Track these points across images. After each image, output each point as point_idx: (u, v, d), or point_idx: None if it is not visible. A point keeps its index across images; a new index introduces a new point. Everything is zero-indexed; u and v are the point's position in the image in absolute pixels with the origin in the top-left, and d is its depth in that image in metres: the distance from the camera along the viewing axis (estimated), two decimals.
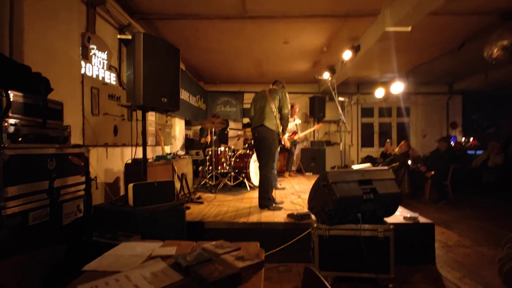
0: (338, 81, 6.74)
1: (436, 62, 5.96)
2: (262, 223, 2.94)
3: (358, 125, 8.62)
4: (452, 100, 8.44)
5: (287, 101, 3.45)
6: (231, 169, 5.14)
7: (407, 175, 5.43)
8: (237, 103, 8.56)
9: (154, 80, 2.15)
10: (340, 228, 2.33)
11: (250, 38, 4.88)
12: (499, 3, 3.55)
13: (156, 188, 2.37)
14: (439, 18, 3.89)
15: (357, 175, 2.36)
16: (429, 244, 2.83)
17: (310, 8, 3.80)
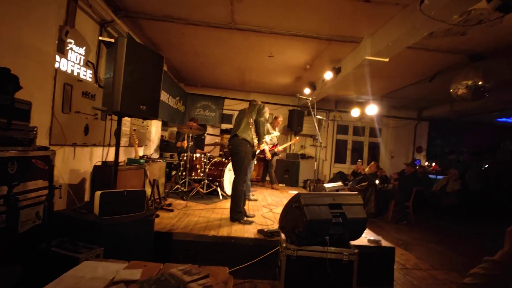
0: (317, 98, 6.94)
1: (408, 89, 6.35)
2: (232, 237, 2.92)
3: (333, 141, 8.90)
4: (419, 125, 9.00)
5: (263, 112, 3.51)
6: (205, 177, 5.07)
7: (374, 195, 5.67)
8: (216, 108, 8.50)
9: (134, 87, 2.09)
10: (308, 250, 2.37)
11: (236, 48, 4.90)
12: (468, 46, 3.88)
13: (125, 197, 2.28)
14: (414, 51, 4.16)
15: (329, 199, 2.43)
16: (389, 267, 2.97)
17: (297, 28, 3.90)
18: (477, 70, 3.87)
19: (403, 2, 2.99)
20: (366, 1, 3.03)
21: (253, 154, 3.53)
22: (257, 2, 3.36)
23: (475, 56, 4.02)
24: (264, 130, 3.52)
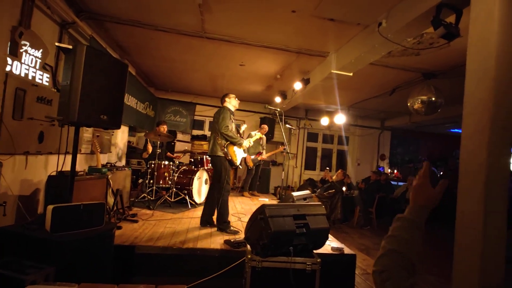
0: (288, 107, 7.12)
1: (372, 101, 6.73)
2: (198, 249, 2.88)
3: (303, 148, 9.13)
4: (383, 134, 9.54)
5: (221, 119, 3.42)
6: (173, 185, 4.96)
7: (341, 201, 5.89)
8: (188, 114, 8.38)
9: (93, 96, 2.00)
10: (273, 261, 2.40)
11: (207, 56, 4.89)
12: (422, 65, 4.22)
13: (82, 211, 2.16)
14: (376, 67, 4.43)
15: (293, 210, 2.49)
16: (351, 274, 3.10)
17: (267, 40, 3.99)
18: (430, 87, 4.21)
19: (363, 23, 3.19)
20: (330, 20, 3.18)
21: (230, 163, 3.51)
22: (226, 14, 3.39)
23: (428, 74, 4.37)
24: (232, 133, 3.43)
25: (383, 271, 0.78)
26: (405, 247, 0.81)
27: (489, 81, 1.73)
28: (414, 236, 0.82)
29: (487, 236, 1.69)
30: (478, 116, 1.76)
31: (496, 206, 1.71)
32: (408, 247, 0.81)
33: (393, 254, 0.80)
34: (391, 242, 0.83)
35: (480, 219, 1.69)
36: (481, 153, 1.73)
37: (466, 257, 1.76)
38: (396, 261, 0.79)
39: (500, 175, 1.73)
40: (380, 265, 0.81)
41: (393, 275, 0.76)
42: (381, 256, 0.83)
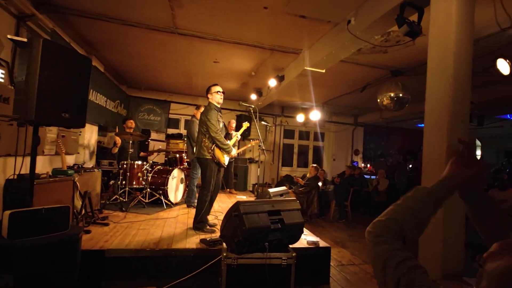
0: (264, 104, 7.14)
1: (345, 98, 6.92)
2: (172, 249, 2.81)
3: (280, 145, 9.21)
4: (356, 130, 9.86)
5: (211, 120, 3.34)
6: (147, 185, 4.81)
7: (317, 196, 6.02)
8: (162, 112, 8.16)
9: (53, 93, 1.87)
10: (248, 257, 2.40)
11: (180, 52, 4.77)
12: (389, 62, 4.39)
13: (44, 216, 2.03)
14: (347, 65, 4.55)
15: (268, 206, 2.50)
16: (326, 266, 3.18)
17: (240, 36, 3.96)
18: (398, 84, 4.41)
19: (334, 21, 3.26)
20: (302, 17, 3.22)
21: (218, 164, 3.41)
22: (198, 9, 3.32)
23: (395, 72, 4.57)
24: (223, 140, 3.34)
25: (378, 235, 0.78)
26: (405, 215, 0.80)
27: (448, 77, 1.83)
28: (421, 207, 0.81)
29: (448, 224, 1.79)
30: (439, 110, 1.86)
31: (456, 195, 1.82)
32: (407, 216, 0.80)
33: (391, 222, 0.80)
34: (396, 211, 0.83)
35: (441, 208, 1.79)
36: (442, 145, 1.83)
37: (430, 243, 1.86)
38: (393, 229, 0.79)
39: None
40: (377, 228, 0.80)
41: (389, 241, 0.76)
42: (380, 220, 0.82)
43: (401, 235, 0.78)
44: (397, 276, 0.69)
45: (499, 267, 0.60)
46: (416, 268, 0.70)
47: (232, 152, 3.49)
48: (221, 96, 3.48)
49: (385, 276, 0.72)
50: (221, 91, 3.48)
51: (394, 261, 0.71)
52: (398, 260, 0.71)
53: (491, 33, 3.08)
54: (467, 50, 1.85)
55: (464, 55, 1.83)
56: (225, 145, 3.35)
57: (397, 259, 0.72)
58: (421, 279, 0.68)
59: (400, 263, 0.71)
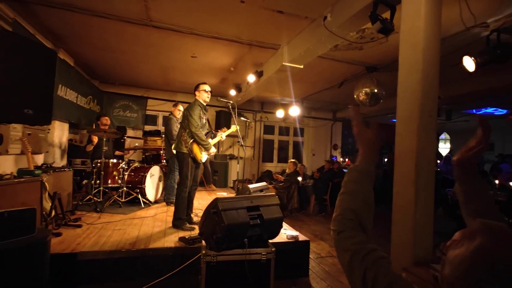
0: (243, 99, 7.10)
1: (323, 93, 7.03)
2: (150, 249, 2.75)
3: (260, 141, 9.23)
4: (335, 125, 10.08)
5: (193, 115, 3.33)
6: (124, 184, 4.65)
7: (297, 191, 6.11)
8: (139, 109, 7.90)
9: (12, 88, 1.74)
10: (228, 254, 2.39)
11: (156, 46, 4.61)
12: (364, 58, 4.50)
13: (6, 219, 1.90)
14: (325, 61, 4.62)
15: (246, 202, 2.49)
16: (305, 259, 3.24)
17: (218, 31, 3.89)
18: (373, 80, 4.53)
19: (311, 17, 3.28)
20: (279, 12, 3.21)
21: (194, 160, 3.40)
22: (173, 1, 3.21)
23: (370, 68, 4.70)
24: (202, 135, 3.34)
25: (341, 231, 0.80)
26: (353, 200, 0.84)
27: (418, 73, 1.90)
28: (364, 184, 0.86)
29: (418, 214, 1.87)
30: (409, 105, 1.93)
31: (425, 186, 1.90)
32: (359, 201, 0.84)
33: (346, 213, 0.83)
34: (344, 200, 0.86)
35: (412, 198, 1.87)
36: (412, 138, 1.89)
37: (401, 232, 1.94)
38: (351, 219, 0.81)
39: (428, 158, 1.92)
40: (338, 224, 0.83)
41: (352, 235, 0.79)
42: (337, 215, 0.85)
43: (360, 221, 0.81)
44: (363, 268, 0.71)
45: (459, 254, 0.62)
46: (381, 259, 0.72)
47: (211, 150, 3.47)
48: (208, 95, 3.57)
49: (352, 269, 0.74)
50: (209, 90, 3.57)
51: (360, 255, 0.74)
52: (364, 252, 0.74)
53: (457, 31, 3.23)
54: (435, 47, 1.92)
55: (432, 51, 1.91)
56: (204, 141, 3.33)
57: (363, 252, 0.74)
58: (386, 269, 0.70)
59: (366, 256, 0.73)
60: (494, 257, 0.57)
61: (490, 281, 0.56)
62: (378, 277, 0.69)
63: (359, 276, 0.71)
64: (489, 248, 0.59)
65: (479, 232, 0.62)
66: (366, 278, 0.70)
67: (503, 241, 0.59)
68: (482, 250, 0.59)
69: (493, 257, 0.57)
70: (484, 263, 0.58)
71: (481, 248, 0.59)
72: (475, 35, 3.29)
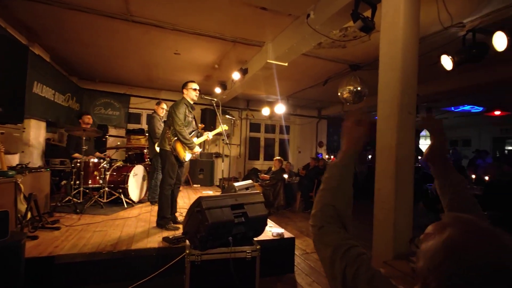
0: (228, 97, 7.06)
1: (308, 91, 7.09)
2: (132, 250, 2.68)
3: (246, 139, 9.21)
4: (320, 123, 10.20)
5: (178, 113, 3.27)
6: (105, 184, 4.51)
7: (283, 188, 6.14)
8: (121, 107, 7.69)
9: None
10: (212, 253, 2.37)
11: (137, 42, 4.49)
12: (348, 57, 4.56)
13: None
14: (310, 59, 4.64)
15: (231, 200, 2.48)
16: (291, 256, 3.26)
17: (201, 27, 3.83)
18: (356, 78, 4.60)
19: (294, 14, 3.28)
20: (263, 9, 3.19)
21: (176, 158, 3.33)
22: None
23: (354, 66, 4.77)
24: (186, 134, 3.28)
25: (321, 227, 0.80)
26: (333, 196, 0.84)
27: (397, 71, 1.93)
28: (344, 181, 0.87)
29: (398, 209, 1.91)
30: (389, 102, 1.96)
31: (404, 182, 1.95)
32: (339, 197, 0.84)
33: (326, 209, 0.83)
34: (324, 196, 0.86)
35: (392, 194, 1.91)
36: (392, 135, 1.93)
37: (382, 227, 1.98)
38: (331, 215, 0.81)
39: (407, 155, 1.96)
40: (318, 220, 0.82)
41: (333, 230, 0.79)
42: (316, 211, 0.84)
43: (340, 217, 0.81)
44: (344, 263, 0.72)
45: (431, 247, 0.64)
46: (362, 255, 0.73)
47: (195, 149, 3.42)
48: (197, 94, 3.51)
49: (333, 264, 0.74)
50: (197, 89, 3.51)
51: (341, 250, 0.74)
52: (345, 248, 0.74)
53: (436, 31, 3.32)
54: (414, 45, 1.97)
55: (411, 49, 1.95)
56: (187, 140, 3.28)
57: (344, 247, 0.74)
58: (366, 265, 0.71)
59: (347, 251, 0.74)
60: (463, 248, 0.58)
61: (461, 271, 0.57)
62: (358, 272, 0.69)
63: (340, 271, 0.72)
64: (458, 239, 0.60)
65: (449, 224, 0.64)
66: (346, 273, 0.70)
67: (472, 232, 0.61)
68: (452, 242, 0.60)
69: (462, 248, 0.58)
70: (454, 254, 0.59)
71: (450, 240, 0.61)
72: (452, 34, 3.40)
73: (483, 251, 0.57)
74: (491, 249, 0.57)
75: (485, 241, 0.58)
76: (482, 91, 5.61)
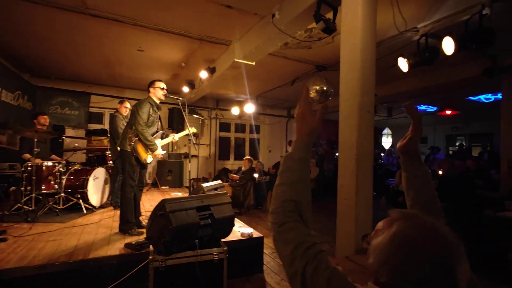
0: (197, 96, 6.92)
1: (277, 91, 7.17)
2: (90, 260, 2.51)
3: (216, 139, 9.10)
4: (290, 122, 10.37)
5: (141, 113, 3.11)
6: (61, 189, 4.19)
7: (253, 188, 6.14)
8: (80, 106, 7.20)
9: None
10: (178, 257, 2.29)
11: (98, 37, 4.22)
12: (313, 57, 4.68)
13: None
14: (277, 59, 4.69)
15: (196, 202, 2.41)
16: (260, 255, 3.26)
17: (164, 24, 3.69)
18: (322, 78, 4.70)
19: (260, 13, 3.28)
20: (228, 7, 3.15)
21: (136, 160, 3.15)
22: None
23: (319, 67, 4.90)
24: (148, 135, 3.12)
25: (282, 223, 0.78)
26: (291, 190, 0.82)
27: (356, 71, 2.00)
28: (301, 174, 0.84)
29: (359, 205, 1.98)
30: (349, 101, 2.03)
31: (364, 178, 2.02)
32: (297, 191, 0.82)
33: (285, 204, 0.80)
34: (282, 191, 0.83)
35: (353, 190, 1.97)
36: (353, 133, 2.00)
37: (345, 223, 2.04)
38: (291, 210, 0.79)
39: (367, 152, 2.04)
40: (278, 216, 0.80)
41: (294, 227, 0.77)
42: (276, 207, 0.82)
43: (300, 213, 0.80)
44: (304, 261, 0.71)
45: (380, 242, 0.65)
46: (322, 252, 0.73)
47: (157, 151, 3.27)
48: (164, 93, 3.37)
49: (293, 262, 0.73)
50: (164, 88, 3.37)
51: (303, 247, 0.73)
52: (306, 246, 0.73)
53: (393, 35, 3.51)
54: (372, 47, 2.05)
55: (369, 51, 2.03)
56: (148, 141, 3.13)
57: (305, 245, 0.74)
58: (325, 264, 0.71)
59: (308, 249, 0.73)
60: (409, 242, 0.61)
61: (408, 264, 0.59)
62: (318, 270, 0.69)
63: (300, 269, 0.71)
64: (404, 234, 0.62)
65: (396, 220, 0.66)
66: (306, 272, 0.70)
67: (416, 227, 0.63)
68: (398, 237, 0.62)
69: (408, 243, 0.61)
70: (401, 248, 0.61)
71: (397, 235, 0.63)
72: (408, 38, 3.62)
73: (426, 244, 0.59)
74: (433, 243, 0.59)
75: (428, 235, 0.61)
76: (435, 91, 6.05)
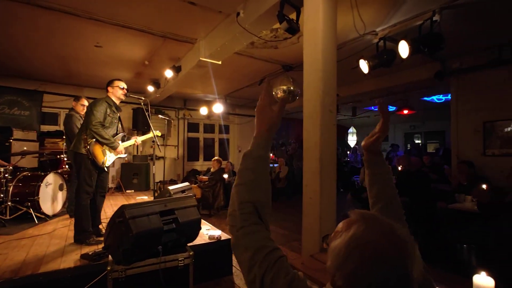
0: (162, 96, 6.67)
1: (245, 90, 7.14)
2: (40, 274, 2.28)
3: (184, 139, 8.85)
4: None
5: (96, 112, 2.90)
6: (8, 198, 3.79)
7: (222, 189, 6.06)
8: (32, 105, 6.59)
9: None
10: (139, 266, 2.18)
11: (49, 31, 3.87)
12: (280, 57, 4.72)
13: None
14: (244, 58, 4.66)
15: (159, 207, 2.31)
16: (229, 258, 3.20)
17: (124, 19, 3.48)
18: (289, 78, 4.76)
19: (225, 11, 3.23)
20: (191, 3, 3.05)
21: (93, 163, 2.92)
22: None
23: (286, 67, 4.97)
24: (103, 132, 2.91)
25: (241, 227, 0.74)
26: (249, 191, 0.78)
27: (318, 72, 2.04)
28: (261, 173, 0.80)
29: (323, 203, 2.01)
30: (312, 101, 2.06)
31: (328, 177, 2.06)
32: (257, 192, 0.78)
33: (244, 206, 0.77)
34: (241, 192, 0.79)
35: (317, 189, 2.00)
36: (316, 132, 2.03)
37: (310, 222, 2.07)
38: (250, 212, 0.76)
39: (330, 151, 2.08)
40: (237, 220, 0.76)
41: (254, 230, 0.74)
42: (234, 210, 0.78)
43: (259, 215, 0.77)
44: (264, 267, 0.69)
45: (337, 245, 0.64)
46: (282, 257, 0.71)
47: (119, 148, 3.08)
48: (123, 93, 3.20)
49: (252, 267, 0.71)
50: (125, 88, 3.20)
51: (263, 253, 0.71)
52: (267, 251, 0.71)
53: (354, 37, 3.65)
54: (333, 48, 2.10)
55: (330, 52, 2.08)
56: (106, 139, 2.92)
57: (266, 250, 0.71)
58: (286, 269, 0.69)
59: (268, 255, 0.70)
60: (365, 247, 0.59)
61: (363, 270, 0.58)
62: (278, 276, 0.67)
63: (259, 274, 0.69)
64: (361, 236, 0.61)
65: (355, 222, 0.65)
66: (265, 277, 0.67)
67: (374, 230, 0.62)
68: (355, 239, 0.61)
69: (364, 247, 0.59)
70: (358, 251, 0.59)
71: (354, 237, 0.61)
72: (368, 41, 3.78)
73: (382, 248, 0.58)
74: (390, 246, 0.58)
75: (384, 239, 0.59)
76: (395, 92, 6.43)
